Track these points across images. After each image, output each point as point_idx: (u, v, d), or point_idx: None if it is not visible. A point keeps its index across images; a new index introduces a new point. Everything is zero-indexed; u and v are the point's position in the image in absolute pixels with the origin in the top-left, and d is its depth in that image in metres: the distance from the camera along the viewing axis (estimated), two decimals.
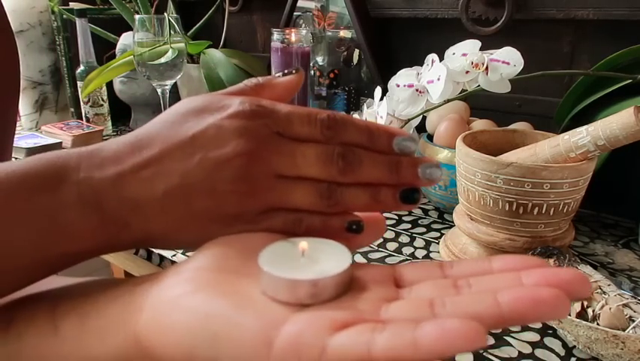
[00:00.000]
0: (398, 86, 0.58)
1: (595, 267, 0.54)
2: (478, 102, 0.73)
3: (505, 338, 0.43)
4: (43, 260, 0.23)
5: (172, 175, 0.23)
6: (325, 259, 0.22)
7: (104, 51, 1.07)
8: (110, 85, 1.05)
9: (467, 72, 0.53)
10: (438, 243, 0.60)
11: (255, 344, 0.17)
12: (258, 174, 0.24)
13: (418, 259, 0.56)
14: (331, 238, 0.24)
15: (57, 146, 0.92)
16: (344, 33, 0.89)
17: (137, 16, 0.76)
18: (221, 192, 0.23)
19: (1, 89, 0.35)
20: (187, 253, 0.57)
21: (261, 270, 0.20)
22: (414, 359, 0.15)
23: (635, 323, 0.38)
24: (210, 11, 1.00)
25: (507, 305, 0.16)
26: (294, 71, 0.29)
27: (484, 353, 0.41)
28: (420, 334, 0.16)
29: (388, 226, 0.65)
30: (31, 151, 0.86)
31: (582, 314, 0.41)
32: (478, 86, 0.53)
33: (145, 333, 0.21)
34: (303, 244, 0.22)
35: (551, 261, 0.45)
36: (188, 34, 1.00)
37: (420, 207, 0.71)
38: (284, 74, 0.29)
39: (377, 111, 0.61)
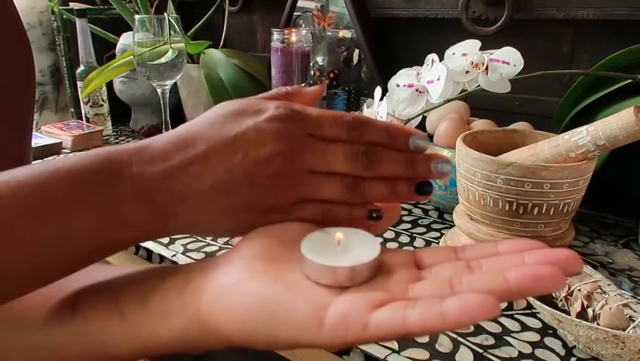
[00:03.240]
0: (398, 86, 0.58)
1: (595, 267, 0.54)
2: (478, 102, 0.73)
3: (505, 338, 0.43)
4: (100, 246, 0.25)
5: (217, 171, 0.26)
6: (358, 247, 0.25)
7: (104, 51, 1.07)
8: (110, 85, 1.05)
9: (467, 72, 0.53)
10: (438, 243, 0.60)
11: (308, 322, 0.21)
12: (293, 171, 0.27)
13: None
14: (355, 225, 0.27)
15: (57, 146, 0.92)
16: (344, 33, 0.89)
17: (137, 16, 0.76)
18: (260, 187, 0.26)
19: (19, 91, 0.37)
20: (187, 254, 0.57)
21: (304, 258, 0.23)
22: (442, 329, 0.18)
23: (635, 323, 0.38)
24: (210, 11, 1.00)
25: (514, 281, 0.19)
26: (318, 82, 0.32)
27: (484, 353, 0.41)
28: (446, 308, 0.18)
29: (389, 226, 0.65)
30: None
31: (582, 314, 0.41)
32: (478, 86, 0.53)
33: (209, 314, 0.24)
34: (339, 234, 0.26)
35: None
36: (188, 34, 1.00)
37: (420, 207, 0.71)
38: (309, 85, 0.32)
39: (377, 111, 0.61)
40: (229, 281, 0.24)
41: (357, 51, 0.89)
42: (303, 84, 0.32)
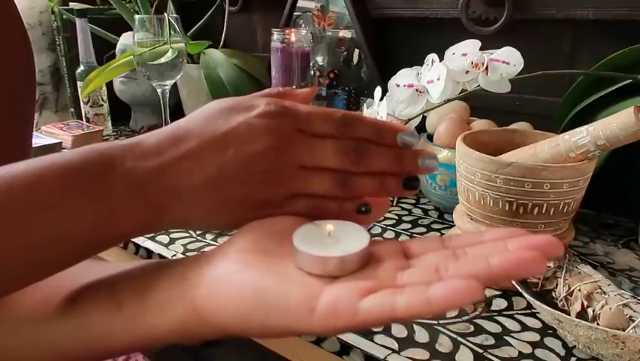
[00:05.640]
0: (398, 86, 0.58)
1: (595, 267, 0.54)
2: (478, 102, 0.73)
3: (505, 338, 0.43)
4: (95, 240, 0.26)
5: (209, 166, 0.26)
6: (347, 238, 0.25)
7: (104, 51, 1.07)
8: (110, 85, 1.04)
9: (467, 72, 0.53)
10: None
11: (300, 310, 0.21)
12: (284, 166, 0.27)
13: None
14: (345, 219, 0.28)
15: (57, 146, 0.92)
16: (344, 33, 0.89)
17: (137, 16, 0.76)
18: (252, 182, 0.27)
19: (18, 88, 0.37)
20: (187, 254, 0.57)
21: (296, 249, 0.24)
22: (429, 313, 0.19)
23: (635, 323, 0.38)
24: (210, 11, 1.00)
25: (497, 266, 0.20)
26: (310, 84, 0.32)
27: (484, 353, 0.41)
28: (432, 293, 0.19)
29: (388, 226, 0.65)
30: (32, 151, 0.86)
31: (582, 314, 0.41)
32: (478, 86, 0.53)
33: (204, 304, 0.24)
34: (329, 226, 0.26)
35: (551, 261, 0.45)
36: (188, 34, 1.00)
37: (420, 207, 0.71)
38: (301, 87, 0.32)
39: (377, 111, 0.61)
40: (224, 273, 0.24)
41: (357, 51, 0.89)
42: (302, 83, 0.32)
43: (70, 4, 1.05)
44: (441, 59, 0.55)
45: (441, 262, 0.23)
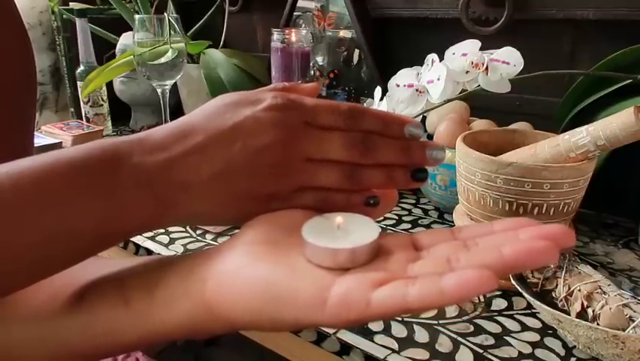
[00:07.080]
0: (398, 86, 0.58)
1: (595, 267, 0.54)
2: (478, 102, 0.73)
3: (505, 338, 0.43)
4: (102, 236, 0.25)
5: (216, 160, 0.26)
6: (357, 230, 0.25)
7: (104, 51, 1.07)
8: (110, 85, 1.04)
9: (467, 72, 0.53)
10: None
11: (311, 302, 0.21)
12: (291, 159, 0.27)
13: None
14: (353, 211, 0.28)
15: (57, 146, 0.92)
16: (344, 33, 0.89)
17: (137, 16, 0.76)
18: (260, 175, 0.27)
19: (19, 88, 0.37)
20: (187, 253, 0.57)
21: (306, 242, 0.24)
22: (441, 304, 0.19)
23: (635, 323, 0.38)
24: (210, 11, 1.00)
25: (509, 256, 0.20)
26: (314, 80, 0.32)
27: (484, 353, 0.41)
28: (444, 283, 0.19)
29: (388, 226, 0.65)
30: None
31: (582, 314, 0.41)
32: (478, 86, 0.53)
33: (213, 298, 0.24)
34: (338, 218, 0.26)
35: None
36: (188, 34, 1.00)
37: (420, 207, 0.71)
38: (305, 82, 0.32)
39: None
40: (233, 266, 0.24)
41: (357, 51, 0.89)
42: (299, 81, 0.31)
43: (70, 4, 1.05)
44: (441, 59, 0.55)
45: (452, 253, 0.22)
